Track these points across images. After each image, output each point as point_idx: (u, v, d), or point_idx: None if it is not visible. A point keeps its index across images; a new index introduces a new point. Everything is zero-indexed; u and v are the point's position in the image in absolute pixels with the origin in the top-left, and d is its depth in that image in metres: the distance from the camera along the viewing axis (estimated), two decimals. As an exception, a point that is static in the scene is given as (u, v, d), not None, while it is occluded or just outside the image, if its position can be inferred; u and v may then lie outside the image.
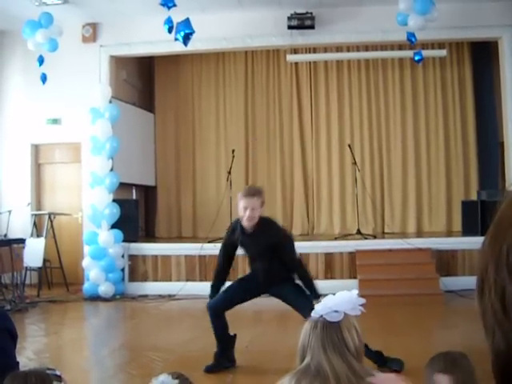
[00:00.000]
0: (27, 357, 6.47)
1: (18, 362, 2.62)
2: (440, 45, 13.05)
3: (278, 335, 8.00)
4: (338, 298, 2.24)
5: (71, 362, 6.87)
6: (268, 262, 6.02)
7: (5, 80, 12.96)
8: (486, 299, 0.92)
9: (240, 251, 6.31)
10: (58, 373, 2.31)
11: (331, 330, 2.16)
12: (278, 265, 6.04)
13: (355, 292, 2.26)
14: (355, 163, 12.33)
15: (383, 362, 5.81)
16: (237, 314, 9.88)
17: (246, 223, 5.93)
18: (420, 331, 7.68)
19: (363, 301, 2.25)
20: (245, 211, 5.88)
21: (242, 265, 10.09)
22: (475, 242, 10.69)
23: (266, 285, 6.09)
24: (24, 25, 10.48)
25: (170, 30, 9.48)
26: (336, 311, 2.19)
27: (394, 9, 10.53)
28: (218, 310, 6.12)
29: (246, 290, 6.21)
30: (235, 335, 6.35)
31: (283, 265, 6.05)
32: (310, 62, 14.17)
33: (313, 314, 2.24)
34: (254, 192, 6.05)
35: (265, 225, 6.05)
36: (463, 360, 2.88)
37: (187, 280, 11.34)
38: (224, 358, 6.26)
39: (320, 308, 2.22)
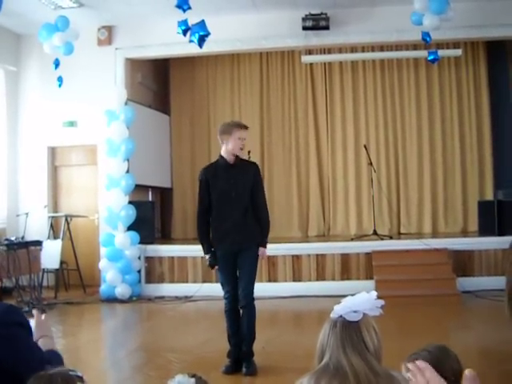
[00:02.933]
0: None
1: (43, 354, 2.63)
2: (455, 44, 12.99)
3: (295, 336, 7.99)
4: (357, 298, 2.25)
5: (88, 363, 6.89)
6: (244, 209, 6.28)
7: (22, 83, 13.04)
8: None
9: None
10: (80, 374, 2.32)
11: (350, 330, 2.18)
12: (251, 219, 6.34)
13: (374, 293, 2.27)
14: (371, 164, 12.30)
15: None
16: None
17: (238, 153, 6.34)
18: (437, 332, 7.65)
19: (382, 302, 2.26)
20: (241, 141, 6.27)
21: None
22: (492, 242, 10.67)
23: (236, 245, 6.25)
24: (40, 28, 10.53)
25: (184, 33, 9.49)
26: (355, 311, 2.20)
27: (409, 9, 10.50)
28: (234, 300, 6.29)
29: (228, 264, 6.34)
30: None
31: (254, 217, 6.37)
32: (324, 63, 14.15)
33: (332, 314, 2.25)
34: (246, 125, 6.47)
35: (246, 160, 6.67)
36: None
37: (204, 281, 11.35)
38: (238, 355, 6.34)
39: (339, 308, 2.23)
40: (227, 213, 6.28)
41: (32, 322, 2.93)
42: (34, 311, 3.05)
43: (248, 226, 6.33)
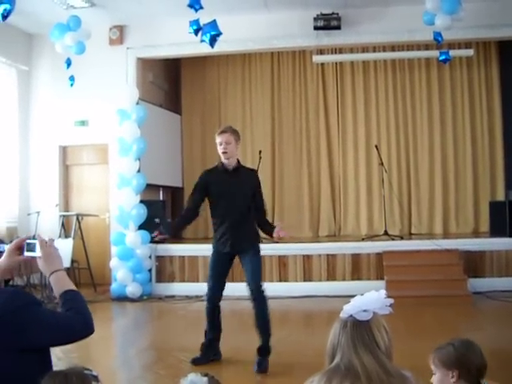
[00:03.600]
0: (56, 356, 6.52)
1: (59, 318, 2.64)
2: (467, 44, 12.95)
3: (305, 336, 8.00)
4: (367, 297, 2.25)
5: (99, 361, 6.91)
6: (242, 215, 6.44)
7: (33, 82, 13.09)
8: None
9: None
10: (94, 373, 2.33)
11: (361, 329, 2.17)
12: (250, 223, 6.51)
13: (383, 292, 2.27)
14: (382, 164, 12.28)
15: None
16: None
17: (224, 159, 6.45)
18: (447, 333, 7.61)
19: (391, 301, 2.25)
20: (221, 146, 6.39)
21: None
22: (503, 242, 10.64)
23: (236, 247, 6.47)
24: (52, 28, 10.56)
25: (196, 32, 9.50)
26: (365, 310, 2.20)
27: (420, 8, 10.46)
28: (215, 298, 6.59)
29: (221, 266, 6.60)
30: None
31: (252, 222, 6.53)
32: (336, 63, 14.13)
33: (342, 313, 2.25)
34: (225, 128, 6.56)
35: (245, 168, 6.71)
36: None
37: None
38: (210, 350, 6.59)
39: (349, 307, 2.23)
40: (226, 216, 6.49)
41: (38, 253, 2.87)
42: (40, 238, 2.89)
43: (247, 229, 6.51)
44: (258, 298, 6.42)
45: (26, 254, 2.94)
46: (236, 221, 6.45)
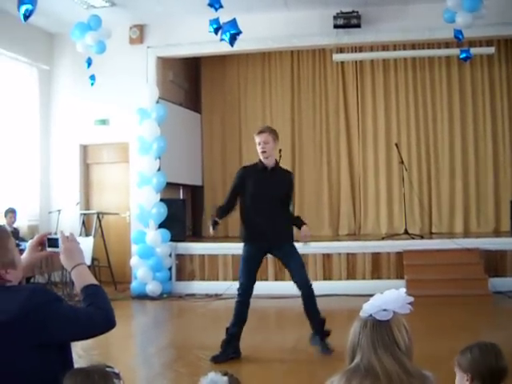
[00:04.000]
0: (76, 353, 6.55)
1: (80, 313, 2.66)
2: (488, 42, 12.87)
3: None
4: (387, 296, 2.23)
5: (119, 359, 6.94)
6: (276, 210, 6.67)
7: (54, 82, 13.17)
8: None
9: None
10: (116, 371, 2.34)
11: (381, 329, 2.16)
12: (283, 217, 6.75)
13: (403, 290, 2.25)
14: (402, 162, 12.24)
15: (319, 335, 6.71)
16: (283, 314, 9.90)
17: (263, 158, 6.72)
18: (468, 333, 7.59)
19: (411, 299, 2.24)
20: (260, 146, 6.69)
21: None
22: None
23: (271, 242, 6.67)
24: (73, 27, 10.62)
25: (216, 31, 9.51)
26: (385, 310, 2.19)
27: (441, 6, 10.40)
28: (246, 294, 6.71)
29: (255, 261, 6.77)
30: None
31: (287, 219, 6.82)
32: (356, 62, 14.10)
33: (361, 313, 2.23)
34: (263, 128, 6.94)
35: (282, 168, 6.98)
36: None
37: (234, 279, 11.36)
38: (230, 347, 6.64)
39: (369, 307, 2.21)
40: (261, 213, 6.63)
41: (60, 248, 2.88)
42: (61, 233, 2.92)
43: (282, 225, 6.73)
44: (311, 292, 6.71)
45: (49, 249, 2.96)
46: (271, 217, 6.61)
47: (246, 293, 6.71)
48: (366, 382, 2.08)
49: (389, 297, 2.23)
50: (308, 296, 6.70)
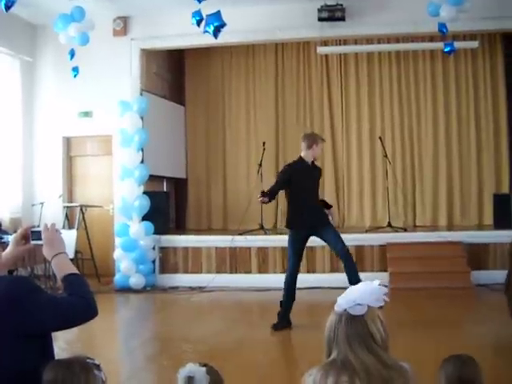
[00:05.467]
0: (59, 346, 6.52)
1: (61, 304, 2.64)
2: (472, 36, 12.91)
3: (309, 327, 8.00)
4: (361, 290, 2.22)
5: (102, 352, 6.92)
6: (316, 194, 7.99)
7: (37, 73, 13.07)
8: (511, 284, 0.94)
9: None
10: (97, 362, 2.35)
11: (356, 324, 2.16)
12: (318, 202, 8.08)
13: (377, 282, 2.25)
14: (386, 156, 12.28)
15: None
16: (266, 307, 9.91)
17: (317, 158, 8.10)
18: (450, 325, 7.64)
19: (385, 290, 2.23)
20: (319, 150, 8.03)
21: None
22: (507, 235, 10.60)
23: (314, 222, 7.77)
24: (56, 19, 10.55)
25: (198, 23, 9.49)
26: (359, 304, 2.18)
27: (425, 0, 10.43)
28: (295, 272, 7.86)
29: (301, 242, 7.89)
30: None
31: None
32: (340, 55, 14.10)
33: (336, 306, 2.22)
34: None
35: (315, 164, 8.15)
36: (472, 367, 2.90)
37: (217, 272, 11.39)
38: (285, 319, 7.66)
39: (343, 301, 2.20)
40: (306, 201, 7.79)
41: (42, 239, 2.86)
42: (44, 225, 2.91)
43: (321, 209, 8.00)
44: (347, 257, 7.83)
45: (32, 242, 2.95)
46: (314, 202, 7.92)
47: (294, 272, 7.82)
48: (343, 376, 2.08)
49: (363, 290, 2.22)
50: (347, 259, 7.83)
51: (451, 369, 2.81)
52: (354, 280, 7.29)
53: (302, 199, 7.77)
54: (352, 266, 7.81)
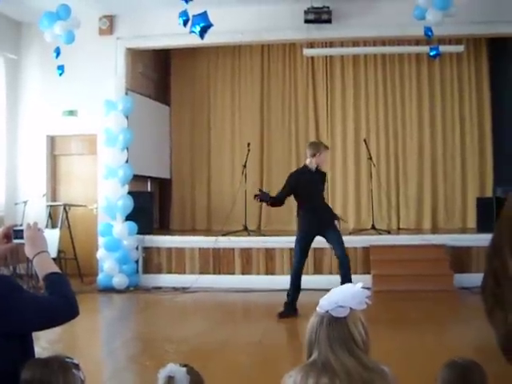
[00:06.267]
0: (41, 346, 6.49)
1: (42, 303, 2.63)
2: (457, 40, 12.98)
3: (291, 329, 8.02)
4: (344, 292, 2.22)
5: (84, 352, 6.89)
6: (321, 196, 8.72)
7: (22, 71, 13.00)
8: (487, 286, 0.96)
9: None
10: (76, 362, 2.34)
11: (338, 326, 2.15)
12: (327, 206, 8.93)
13: (360, 285, 2.25)
14: (371, 158, 12.31)
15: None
16: (249, 308, 9.91)
17: (323, 166, 8.77)
18: (433, 327, 7.67)
19: (368, 293, 2.23)
20: (326, 160, 8.82)
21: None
22: (490, 238, 10.60)
23: (321, 224, 8.45)
24: (42, 16, 10.50)
25: (185, 23, 9.48)
26: (342, 306, 2.17)
27: (412, 3, 10.45)
28: (301, 268, 8.61)
29: (307, 241, 8.59)
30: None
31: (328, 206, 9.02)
32: (326, 57, 14.13)
33: (318, 308, 2.22)
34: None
35: (320, 171, 8.72)
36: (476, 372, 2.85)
37: (201, 273, 11.38)
38: (292, 308, 8.39)
39: (326, 303, 2.19)
40: (313, 204, 8.50)
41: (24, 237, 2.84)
42: (27, 223, 2.89)
43: (327, 211, 8.75)
44: (345, 261, 8.37)
45: (15, 241, 2.93)
46: (320, 205, 8.62)
47: (299, 267, 8.55)
48: (323, 378, 2.07)
49: (346, 293, 2.21)
50: (344, 263, 8.37)
51: (452, 376, 2.77)
52: (346, 281, 7.58)
53: (309, 203, 8.49)
54: (347, 273, 8.27)
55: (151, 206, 12.67)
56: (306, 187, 8.44)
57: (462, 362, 2.86)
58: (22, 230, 2.88)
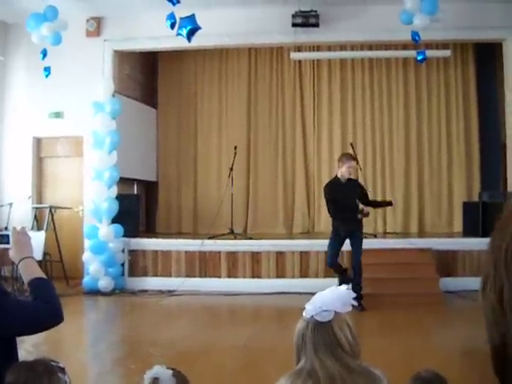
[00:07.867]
0: (25, 349, 6.45)
1: (27, 308, 2.62)
2: (444, 45, 13.01)
3: (277, 332, 8.01)
4: (327, 296, 2.19)
5: (69, 355, 6.86)
6: (353, 205, 9.34)
7: (8, 73, 12.95)
8: (487, 296, 0.93)
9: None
10: (61, 365, 2.33)
11: (323, 331, 2.12)
12: (356, 210, 9.39)
13: (344, 287, 2.24)
14: (357, 162, 12.30)
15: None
16: (235, 312, 9.90)
17: (347, 176, 9.41)
18: (418, 330, 7.69)
19: (353, 295, 2.22)
20: (348, 169, 9.39)
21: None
22: (476, 243, 10.69)
23: (350, 227, 9.41)
24: (29, 18, 10.46)
25: (172, 26, 9.47)
26: (326, 310, 2.15)
27: (400, 8, 10.48)
28: (334, 261, 9.68)
29: (339, 240, 9.64)
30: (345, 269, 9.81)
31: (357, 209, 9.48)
32: (313, 61, 14.16)
33: (304, 313, 2.20)
34: (352, 157, 9.95)
35: (351, 179, 9.65)
36: None
37: (187, 276, 11.35)
38: (346, 278, 9.35)
39: (311, 307, 2.17)
40: (344, 212, 9.31)
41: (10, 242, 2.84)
42: (13, 228, 2.88)
43: (356, 218, 9.37)
44: (360, 267, 9.39)
45: (0, 246, 2.92)
46: (350, 213, 9.27)
47: (333, 262, 9.67)
48: None
49: (329, 296, 2.19)
50: (357, 268, 9.40)
51: None
52: (353, 290, 7.62)
53: (340, 210, 9.36)
54: (358, 280, 9.21)
55: (137, 208, 12.64)
56: (337, 196, 9.32)
57: (425, 374, 2.90)
58: (7, 235, 2.87)
